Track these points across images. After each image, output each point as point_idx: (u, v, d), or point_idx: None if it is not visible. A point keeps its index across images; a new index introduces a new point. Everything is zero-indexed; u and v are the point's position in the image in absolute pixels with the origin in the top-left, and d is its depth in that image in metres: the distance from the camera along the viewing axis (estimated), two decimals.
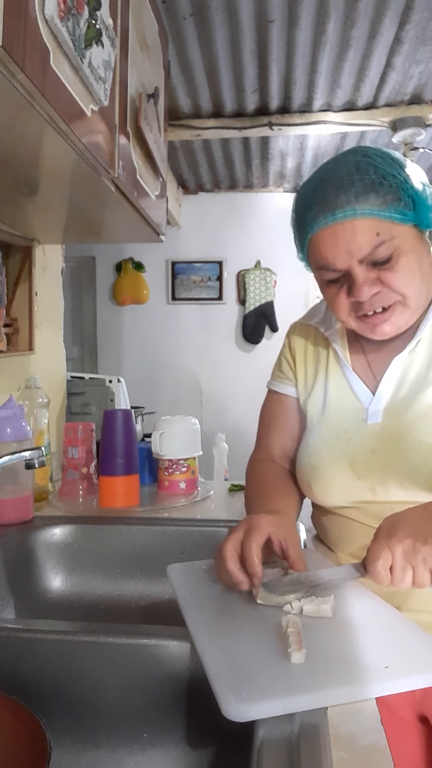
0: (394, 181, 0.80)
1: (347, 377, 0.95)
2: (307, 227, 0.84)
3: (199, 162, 3.33)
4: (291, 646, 0.60)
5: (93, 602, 1.13)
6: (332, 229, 0.81)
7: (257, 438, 1.09)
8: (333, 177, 0.82)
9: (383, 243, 0.80)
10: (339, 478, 0.90)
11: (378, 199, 0.79)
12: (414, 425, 0.85)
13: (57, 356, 1.96)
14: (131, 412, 1.39)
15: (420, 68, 2.28)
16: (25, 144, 0.90)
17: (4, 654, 0.71)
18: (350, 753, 0.53)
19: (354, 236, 0.80)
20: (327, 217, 0.81)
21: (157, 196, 1.46)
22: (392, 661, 0.59)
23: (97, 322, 4.02)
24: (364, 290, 0.82)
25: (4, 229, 1.50)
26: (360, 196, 0.79)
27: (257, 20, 1.94)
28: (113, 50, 0.96)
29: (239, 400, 3.79)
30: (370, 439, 0.89)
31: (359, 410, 0.92)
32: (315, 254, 0.85)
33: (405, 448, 0.84)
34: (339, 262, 0.82)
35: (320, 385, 0.98)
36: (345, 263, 0.82)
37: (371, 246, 0.80)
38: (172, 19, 1.91)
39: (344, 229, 0.80)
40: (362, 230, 0.79)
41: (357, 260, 0.81)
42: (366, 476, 0.87)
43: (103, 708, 0.70)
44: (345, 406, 0.94)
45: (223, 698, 0.54)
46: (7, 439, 1.16)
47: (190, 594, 0.78)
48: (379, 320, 0.85)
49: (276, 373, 1.08)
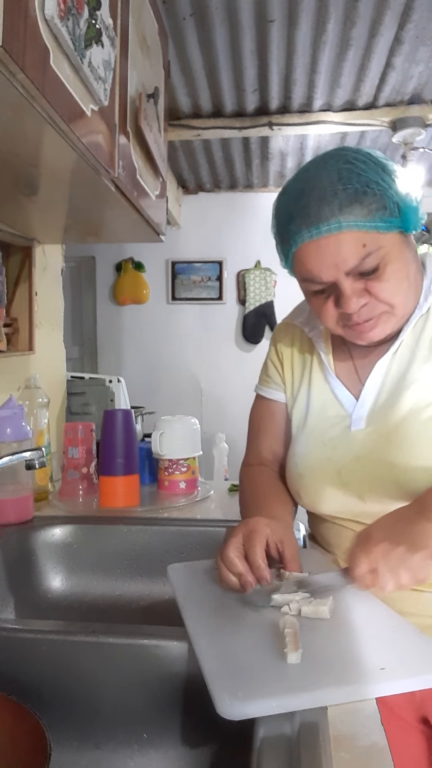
0: (378, 188, 0.77)
1: (330, 383, 0.94)
2: (290, 240, 0.82)
3: (199, 162, 3.33)
4: (287, 646, 0.60)
5: (93, 602, 1.13)
6: (316, 244, 0.78)
7: (247, 443, 1.08)
8: (315, 187, 0.79)
9: (370, 254, 0.77)
10: (327, 487, 0.89)
11: (363, 210, 0.76)
12: (396, 429, 0.84)
13: (57, 356, 1.96)
14: (131, 412, 1.39)
15: (420, 68, 2.28)
16: (25, 144, 0.90)
17: (4, 654, 0.71)
18: (350, 753, 0.53)
19: (339, 250, 0.77)
20: (311, 230, 0.78)
21: (157, 196, 1.46)
22: (389, 662, 0.59)
23: (97, 322, 4.02)
24: (353, 302, 0.80)
25: (4, 229, 1.50)
26: (344, 207, 0.76)
27: (257, 20, 1.94)
28: (113, 50, 0.96)
29: (239, 401, 3.78)
30: (354, 446, 0.88)
31: (343, 417, 0.91)
32: (299, 267, 0.83)
33: (388, 453, 0.84)
34: (325, 275, 0.80)
35: (304, 392, 0.97)
36: (331, 276, 0.80)
37: (358, 258, 0.77)
38: (172, 19, 1.91)
39: (329, 243, 0.77)
40: (348, 243, 0.77)
41: (344, 272, 0.79)
42: (353, 483, 0.86)
43: (103, 708, 0.70)
44: (328, 414, 0.93)
45: (218, 696, 0.54)
46: (7, 439, 1.16)
47: (190, 593, 0.78)
48: (366, 328, 0.84)
49: (263, 378, 1.06)
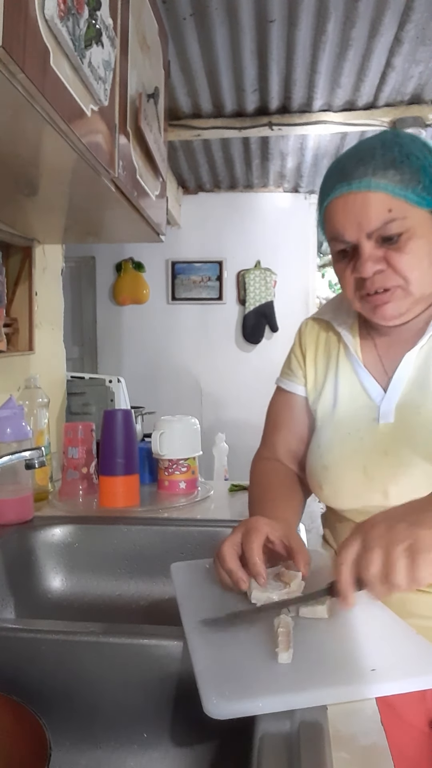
0: (417, 162, 0.78)
1: (358, 373, 0.93)
2: (324, 195, 0.84)
3: (199, 162, 3.33)
4: (279, 646, 0.60)
5: (93, 602, 1.13)
6: (344, 199, 0.80)
7: (263, 435, 1.07)
8: (358, 151, 0.82)
9: (394, 220, 0.78)
10: (350, 479, 0.88)
11: (396, 176, 0.78)
12: (426, 425, 0.83)
13: (57, 356, 1.96)
14: (131, 412, 1.38)
15: (420, 68, 2.28)
16: (25, 144, 0.90)
17: (5, 654, 0.71)
18: (350, 753, 0.53)
19: (365, 208, 0.79)
20: (342, 185, 0.80)
21: (157, 196, 1.46)
22: (381, 663, 0.59)
23: (97, 322, 4.02)
24: (368, 265, 0.80)
25: (4, 229, 1.50)
26: (378, 170, 0.78)
27: (257, 20, 1.94)
28: (113, 50, 0.96)
29: (239, 400, 3.79)
30: (382, 440, 0.87)
31: (371, 408, 0.90)
32: (328, 224, 0.85)
33: (417, 450, 0.82)
34: (348, 233, 0.81)
35: (330, 383, 0.96)
36: (354, 235, 0.81)
37: (381, 221, 0.78)
38: (172, 19, 1.90)
39: (356, 200, 0.79)
40: (375, 203, 0.78)
41: (366, 233, 0.80)
42: (378, 478, 0.85)
43: (103, 708, 0.70)
44: (357, 405, 0.92)
45: (205, 695, 0.54)
46: (7, 439, 1.16)
47: (190, 592, 0.78)
48: (380, 301, 0.83)
49: (285, 371, 1.06)
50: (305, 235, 3.82)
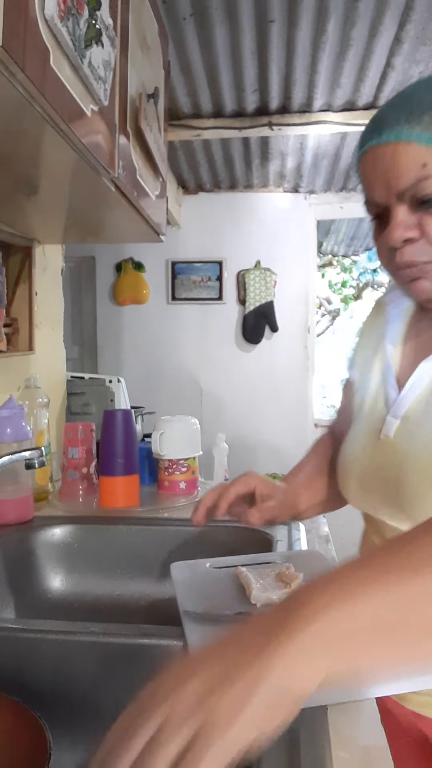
0: None
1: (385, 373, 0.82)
2: (358, 149, 0.73)
3: (199, 162, 3.33)
4: None
5: (93, 602, 1.13)
6: (373, 153, 0.68)
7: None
8: (396, 96, 0.69)
9: (429, 178, 0.64)
10: (351, 485, 0.84)
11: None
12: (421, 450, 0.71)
13: (57, 356, 1.96)
14: (131, 412, 1.39)
15: (420, 68, 2.28)
16: (25, 144, 0.90)
17: (4, 654, 0.71)
18: (350, 753, 0.53)
19: (395, 163, 0.66)
20: (372, 136, 0.68)
21: (157, 196, 1.46)
22: None
23: (97, 322, 4.02)
24: (397, 232, 0.68)
25: (4, 229, 1.50)
26: (413, 115, 0.64)
27: (257, 20, 1.94)
28: (113, 50, 0.96)
29: (239, 400, 3.79)
30: (378, 454, 0.78)
31: (380, 417, 0.80)
32: (362, 184, 0.72)
33: (404, 472, 0.72)
34: (377, 193, 0.69)
35: (366, 377, 0.87)
36: (383, 196, 0.69)
37: (413, 177, 0.65)
38: (172, 19, 1.90)
39: (385, 153, 0.66)
40: (406, 156, 0.65)
41: (396, 194, 0.67)
42: (370, 492, 0.79)
43: (103, 708, 0.70)
44: (376, 407, 0.82)
45: None
46: (7, 439, 1.16)
47: (189, 592, 0.78)
48: (408, 276, 0.72)
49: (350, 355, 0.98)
50: (305, 235, 3.82)
